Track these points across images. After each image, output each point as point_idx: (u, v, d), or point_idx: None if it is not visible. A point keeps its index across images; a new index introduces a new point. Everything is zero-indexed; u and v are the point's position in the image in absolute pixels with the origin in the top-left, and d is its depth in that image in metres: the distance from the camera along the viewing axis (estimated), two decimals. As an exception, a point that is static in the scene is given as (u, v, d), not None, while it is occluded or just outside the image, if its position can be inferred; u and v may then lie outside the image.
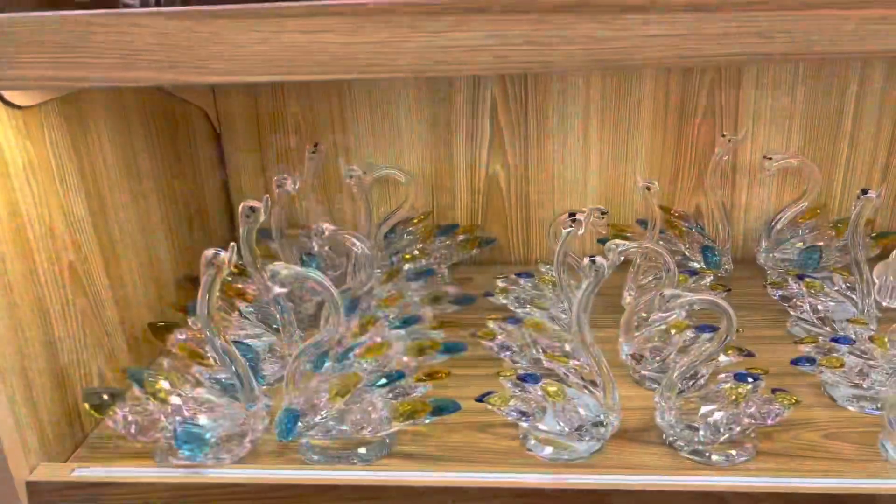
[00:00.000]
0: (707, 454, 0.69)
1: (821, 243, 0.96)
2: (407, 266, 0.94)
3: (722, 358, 0.75)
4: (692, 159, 1.04)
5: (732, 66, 0.98)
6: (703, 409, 0.68)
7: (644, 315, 0.85)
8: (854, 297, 0.84)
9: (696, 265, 0.99)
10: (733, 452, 0.69)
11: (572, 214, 0.79)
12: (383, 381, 0.69)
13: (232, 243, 0.65)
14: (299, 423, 0.68)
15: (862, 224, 0.81)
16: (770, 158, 0.96)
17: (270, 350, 0.83)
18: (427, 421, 0.70)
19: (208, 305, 0.66)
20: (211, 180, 1.06)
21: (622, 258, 0.79)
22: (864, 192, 0.81)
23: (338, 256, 1.03)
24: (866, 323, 0.79)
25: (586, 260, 0.66)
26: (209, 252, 0.65)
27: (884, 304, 0.62)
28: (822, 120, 1.01)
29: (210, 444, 0.68)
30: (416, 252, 0.96)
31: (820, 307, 0.84)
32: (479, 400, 0.72)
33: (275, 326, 0.84)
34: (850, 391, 0.75)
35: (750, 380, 0.69)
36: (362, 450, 0.71)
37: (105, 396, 0.71)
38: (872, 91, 0.99)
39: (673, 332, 0.79)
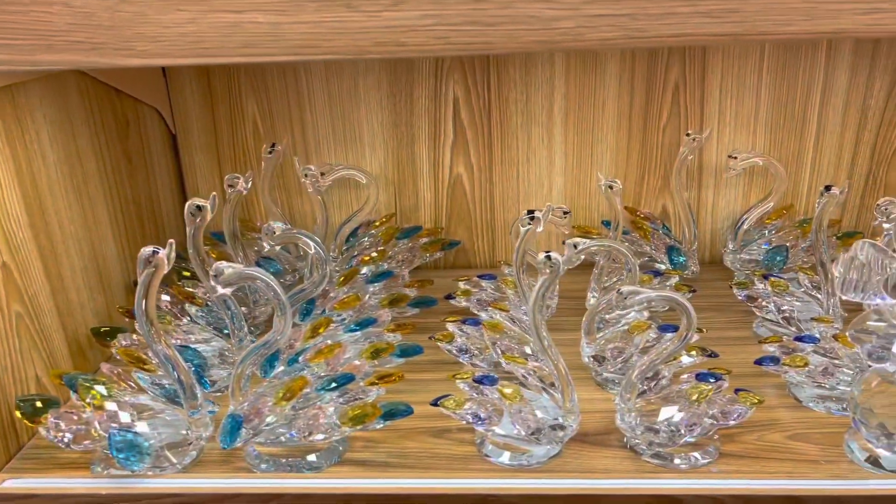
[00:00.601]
0: (668, 456, 0.66)
1: (787, 243, 0.95)
2: (365, 269, 0.91)
3: (685, 359, 0.73)
4: (658, 160, 1.03)
5: (696, 64, 0.97)
6: (664, 411, 0.66)
7: (607, 317, 0.83)
8: (819, 296, 0.83)
9: (663, 266, 0.97)
10: (696, 454, 0.67)
11: (531, 212, 0.76)
12: (331, 384, 0.66)
13: (170, 240, 0.62)
14: (244, 430, 0.65)
15: (826, 221, 0.80)
16: (735, 157, 0.95)
17: (220, 355, 0.80)
18: (379, 426, 0.67)
19: (146, 308, 0.63)
20: (166, 181, 1.03)
21: (583, 257, 0.77)
22: (828, 188, 0.80)
23: (298, 260, 1.00)
24: (831, 322, 0.78)
25: (541, 255, 0.63)
26: (146, 250, 0.62)
27: (843, 297, 0.60)
28: (788, 120, 1.00)
29: (148, 452, 0.64)
30: (375, 254, 0.93)
31: (785, 307, 0.83)
32: (434, 403, 0.69)
33: (226, 331, 0.81)
34: (815, 391, 0.73)
35: (712, 380, 0.67)
36: (312, 457, 0.68)
37: (38, 404, 0.67)
38: (836, 92, 0.98)
39: (634, 332, 0.77)
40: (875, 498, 0.58)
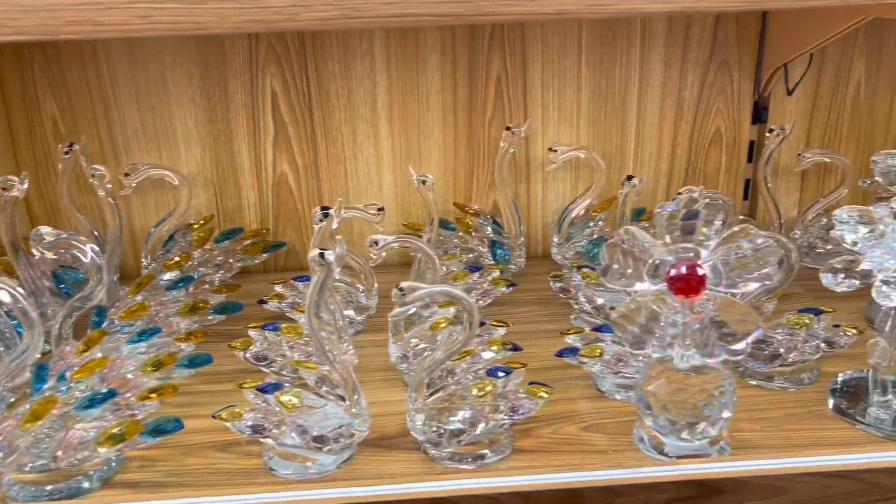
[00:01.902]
0: (459, 456, 0.64)
1: (606, 234, 0.96)
2: (168, 274, 0.85)
3: (486, 354, 0.72)
4: (486, 155, 1.02)
5: (516, 58, 0.97)
6: (451, 409, 0.64)
7: (422, 315, 0.81)
8: (629, 285, 0.83)
9: (489, 261, 0.96)
10: (487, 452, 0.65)
11: (325, 209, 0.73)
12: (90, 402, 0.60)
13: None
14: (-10, 457, 0.59)
15: (628, 210, 0.81)
16: (555, 151, 0.94)
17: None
18: (148, 443, 0.62)
19: None
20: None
21: (384, 254, 0.74)
22: (629, 178, 0.80)
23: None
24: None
25: (313, 253, 0.60)
26: None
27: (610, 285, 0.60)
28: (609, 114, 1.01)
29: None
30: (178, 259, 0.87)
31: (596, 298, 0.83)
32: (214, 416, 0.64)
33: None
34: (615, 380, 0.73)
35: (501, 374, 0.66)
36: (78, 480, 0.62)
37: None
38: (652, 85, 1.00)
39: (435, 330, 0.75)
40: (650, 486, 0.58)
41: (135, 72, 0.94)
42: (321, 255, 0.60)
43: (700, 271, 0.55)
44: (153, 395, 0.64)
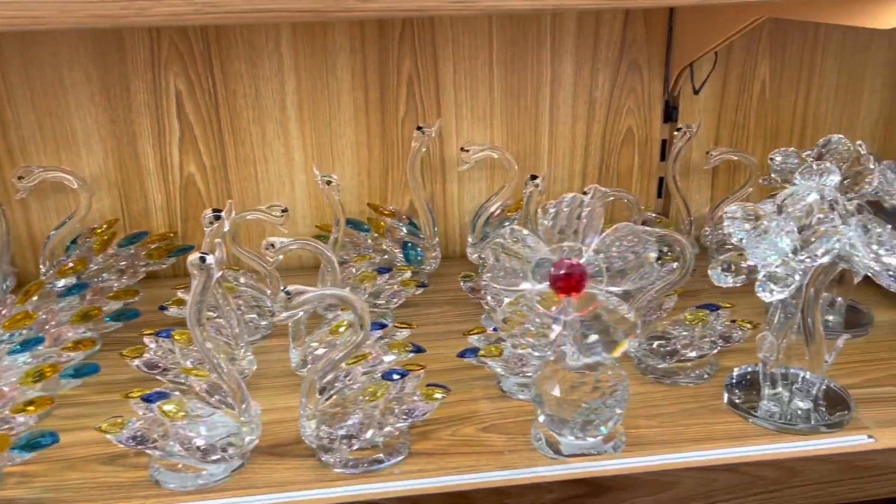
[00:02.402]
0: (352, 462, 0.63)
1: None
2: (63, 281, 0.82)
3: (388, 357, 0.71)
4: (401, 155, 1.01)
5: (427, 57, 0.96)
6: (343, 414, 0.63)
7: (326, 318, 0.80)
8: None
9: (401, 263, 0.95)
10: (382, 456, 0.64)
11: (216, 211, 0.71)
12: (-45, 416, 0.58)
13: None
14: None
15: (533, 209, 0.81)
16: (467, 151, 0.94)
17: None
18: (26, 456, 0.59)
19: None
20: None
21: (281, 257, 0.73)
22: (533, 178, 0.80)
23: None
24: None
25: (193, 256, 0.58)
26: None
27: (495, 285, 0.60)
28: (522, 113, 1.01)
29: None
30: (73, 265, 0.84)
31: (503, 297, 0.82)
32: (97, 428, 0.62)
33: None
34: (518, 380, 0.73)
35: (396, 377, 0.65)
36: (-52, 502, 0.59)
37: None
38: (564, 85, 1.00)
39: (335, 333, 0.73)
40: (538, 486, 0.58)
41: (29, 71, 0.90)
42: (202, 258, 0.58)
43: (581, 270, 0.55)
44: (30, 408, 0.61)
